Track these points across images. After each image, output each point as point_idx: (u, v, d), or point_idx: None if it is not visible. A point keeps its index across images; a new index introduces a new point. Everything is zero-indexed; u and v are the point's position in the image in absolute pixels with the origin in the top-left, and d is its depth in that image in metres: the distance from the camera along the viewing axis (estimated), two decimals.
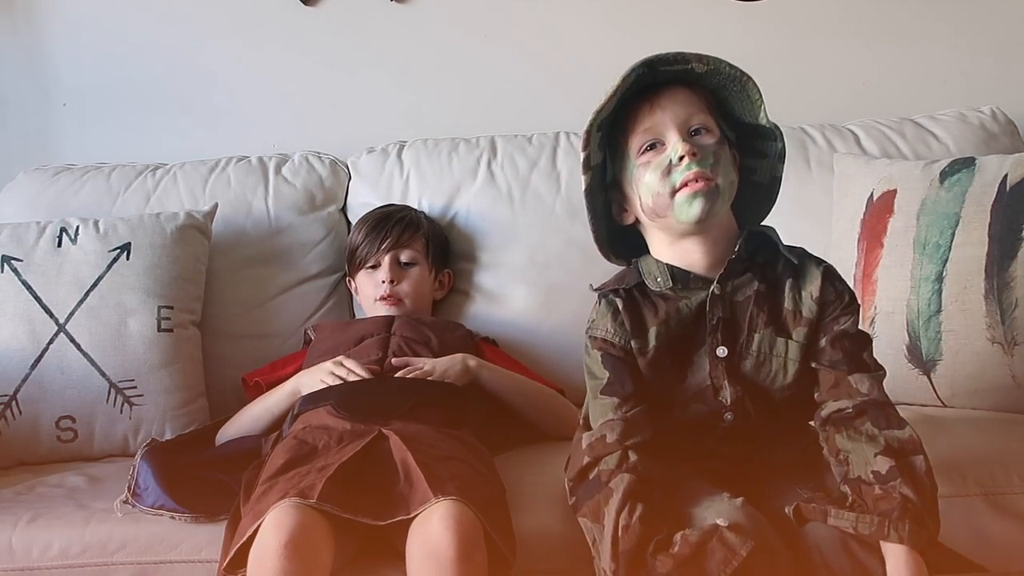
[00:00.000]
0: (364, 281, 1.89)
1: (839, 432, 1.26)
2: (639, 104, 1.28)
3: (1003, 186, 1.67)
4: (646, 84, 1.27)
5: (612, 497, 1.21)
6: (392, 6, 2.32)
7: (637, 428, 1.27)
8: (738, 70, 1.27)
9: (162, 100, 2.33)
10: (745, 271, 1.31)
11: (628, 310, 1.30)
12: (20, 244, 1.84)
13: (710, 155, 1.25)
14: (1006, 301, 1.63)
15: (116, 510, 1.43)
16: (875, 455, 1.21)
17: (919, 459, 1.21)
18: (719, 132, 1.28)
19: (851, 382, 1.27)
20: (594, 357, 1.32)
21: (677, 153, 1.24)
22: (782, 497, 1.27)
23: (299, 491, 1.26)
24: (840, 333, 1.29)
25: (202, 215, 1.95)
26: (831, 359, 1.29)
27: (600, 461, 1.26)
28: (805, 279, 1.31)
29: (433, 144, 2.14)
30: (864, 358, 1.29)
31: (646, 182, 1.26)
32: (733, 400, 1.30)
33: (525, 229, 2.02)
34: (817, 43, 2.31)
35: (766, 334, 1.30)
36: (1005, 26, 2.29)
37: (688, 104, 1.27)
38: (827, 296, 1.30)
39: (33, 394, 1.75)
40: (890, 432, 1.23)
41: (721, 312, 1.29)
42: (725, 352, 1.30)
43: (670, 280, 1.30)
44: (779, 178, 1.33)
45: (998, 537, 1.39)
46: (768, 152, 1.32)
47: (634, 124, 1.28)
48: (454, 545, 1.20)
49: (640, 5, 2.31)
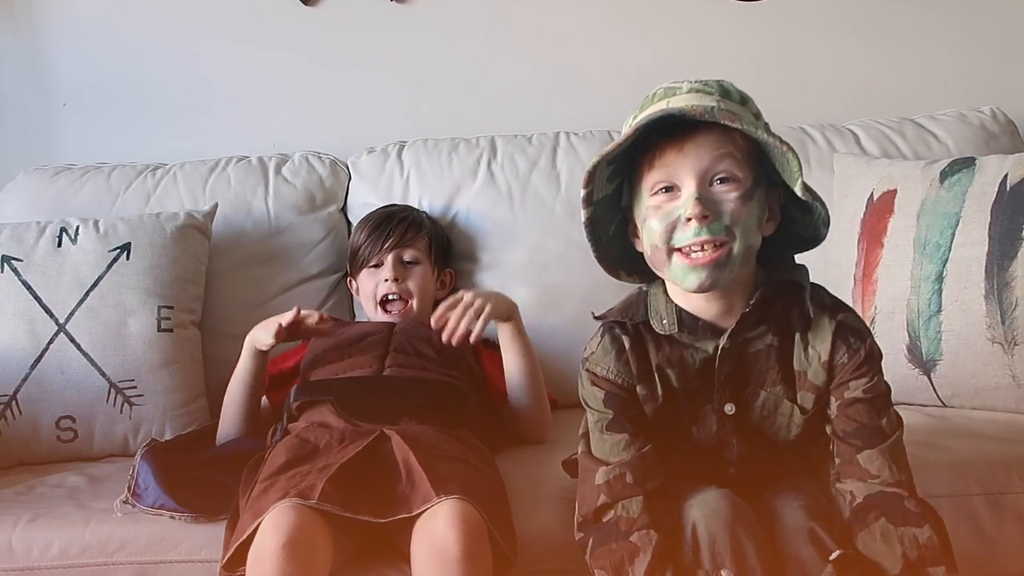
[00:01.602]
0: (366, 280, 1.87)
1: (857, 533, 1.17)
2: (665, 138, 1.14)
3: (1003, 186, 1.67)
4: (676, 120, 1.13)
5: (639, 558, 1.14)
6: (392, 6, 2.32)
7: (655, 469, 1.20)
8: (776, 138, 1.11)
9: (162, 100, 2.33)
10: (760, 322, 1.20)
11: (634, 351, 1.21)
12: (20, 244, 1.84)
13: (726, 216, 1.12)
14: (1006, 301, 1.63)
15: (116, 510, 1.43)
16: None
17: (940, 572, 1.13)
18: (751, 182, 1.14)
19: (860, 462, 1.18)
20: (593, 393, 1.24)
21: (687, 212, 1.12)
22: (781, 498, 1.25)
23: (299, 491, 1.26)
24: (851, 400, 1.19)
25: (202, 215, 1.95)
26: (843, 430, 1.20)
27: (618, 504, 1.19)
28: (816, 334, 1.20)
29: (433, 144, 2.14)
30: (880, 425, 1.19)
31: (650, 227, 1.16)
32: (740, 455, 1.24)
33: (525, 229, 2.02)
34: (817, 43, 2.31)
35: (772, 393, 1.21)
36: (1005, 26, 2.29)
37: (718, 147, 1.13)
38: (838, 359, 1.19)
39: (33, 394, 1.75)
40: (907, 530, 1.14)
41: (729, 366, 1.20)
42: (733, 409, 1.21)
43: (676, 325, 1.19)
44: (822, 238, 1.21)
45: (998, 537, 1.39)
46: (814, 211, 1.18)
47: (653, 160, 1.15)
48: (460, 544, 1.21)
49: (640, 5, 2.31)
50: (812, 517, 1.19)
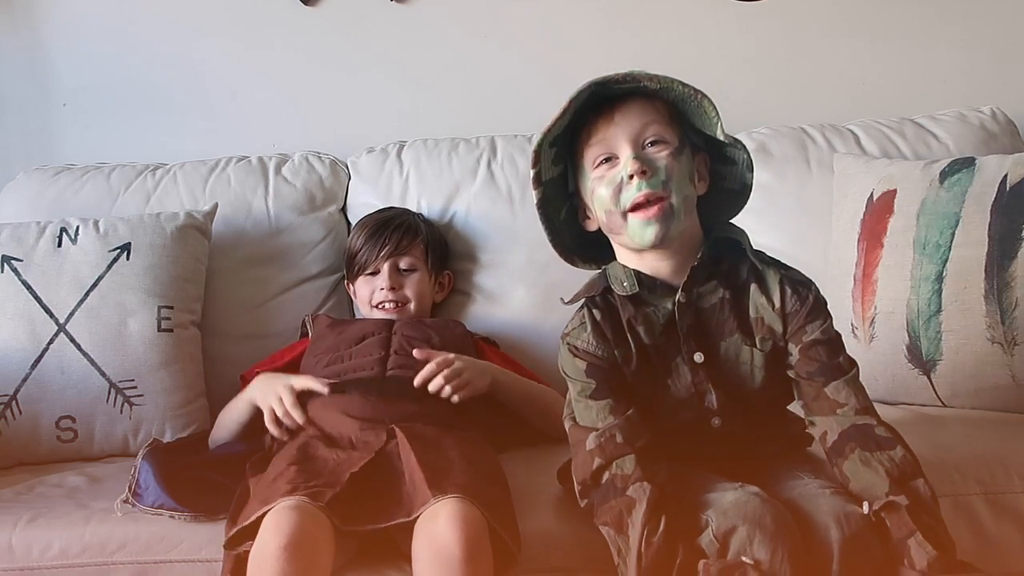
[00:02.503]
0: (363, 287, 1.89)
1: (840, 464, 1.25)
2: (596, 116, 1.29)
3: (1003, 186, 1.67)
4: (603, 97, 1.28)
5: (635, 508, 1.20)
6: (392, 6, 2.32)
7: (641, 429, 1.27)
8: (691, 88, 1.26)
9: (162, 100, 2.33)
10: (710, 278, 1.31)
11: (606, 319, 1.31)
12: (20, 244, 1.84)
13: (661, 171, 1.25)
14: (1006, 301, 1.63)
15: (116, 510, 1.43)
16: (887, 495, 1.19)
17: (920, 483, 1.21)
18: (677, 142, 1.28)
19: (828, 394, 1.28)
20: (574, 364, 1.32)
21: (628, 171, 1.25)
22: (783, 483, 1.28)
23: (310, 493, 1.27)
24: (810, 343, 1.29)
25: (202, 215, 1.94)
26: (807, 371, 1.29)
27: (612, 464, 1.25)
28: (765, 284, 1.31)
29: (433, 144, 2.14)
30: (839, 362, 1.29)
31: (599, 196, 1.28)
32: (719, 405, 1.31)
33: (525, 229, 2.02)
34: (817, 43, 2.31)
35: (731, 342, 1.31)
36: (1005, 26, 2.29)
37: (643, 116, 1.27)
38: (789, 306, 1.30)
39: (33, 394, 1.75)
40: (882, 454, 1.22)
41: (690, 319, 1.30)
42: (702, 358, 1.30)
43: (636, 285, 1.30)
44: (749, 185, 1.33)
45: (998, 537, 1.39)
46: (737, 159, 1.31)
47: (589, 136, 1.29)
48: (461, 545, 1.21)
49: (640, 5, 2.31)
50: (836, 494, 1.23)
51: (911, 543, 1.15)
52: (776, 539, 1.15)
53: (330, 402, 1.56)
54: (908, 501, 1.18)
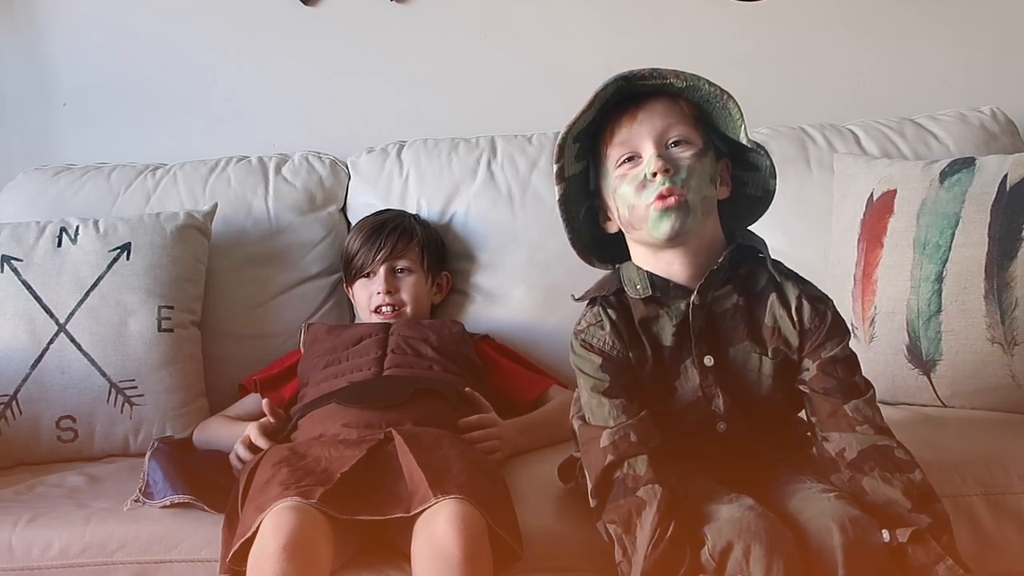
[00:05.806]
0: (360, 290, 1.90)
1: (859, 480, 1.25)
2: (619, 115, 1.28)
3: (1003, 186, 1.67)
4: (627, 95, 1.28)
5: (645, 510, 1.19)
6: (392, 6, 2.32)
7: (654, 431, 1.26)
8: (718, 88, 1.26)
9: (162, 100, 2.33)
10: (726, 283, 1.30)
11: (620, 319, 1.31)
12: (20, 244, 1.84)
13: (683, 170, 1.24)
14: (1006, 301, 1.63)
15: (127, 507, 1.43)
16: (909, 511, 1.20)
17: (939, 508, 1.22)
18: (701, 144, 1.27)
19: (847, 411, 1.27)
20: (589, 359, 1.31)
21: (651, 169, 1.24)
22: (786, 487, 1.27)
23: (300, 491, 1.26)
24: (829, 360, 1.29)
25: (202, 215, 1.95)
26: (823, 387, 1.29)
27: (624, 462, 1.24)
28: (786, 298, 1.30)
29: (433, 144, 2.14)
30: (856, 381, 1.29)
31: (622, 194, 1.27)
32: (726, 410, 1.30)
33: (525, 229, 2.02)
34: (817, 43, 2.31)
35: (740, 348, 1.30)
36: (1005, 26, 2.29)
37: (668, 116, 1.27)
38: (808, 322, 1.29)
39: (33, 394, 1.76)
40: (902, 476, 1.23)
41: (702, 321, 1.29)
42: (712, 361, 1.30)
43: (649, 288, 1.29)
44: (772, 192, 1.33)
45: (998, 537, 1.39)
46: (760, 166, 1.31)
47: (612, 135, 1.28)
48: (460, 545, 1.21)
49: (640, 5, 2.31)
50: (841, 499, 1.22)
51: (940, 568, 1.14)
52: (772, 553, 1.14)
53: (327, 415, 1.54)
54: (931, 520, 1.18)
